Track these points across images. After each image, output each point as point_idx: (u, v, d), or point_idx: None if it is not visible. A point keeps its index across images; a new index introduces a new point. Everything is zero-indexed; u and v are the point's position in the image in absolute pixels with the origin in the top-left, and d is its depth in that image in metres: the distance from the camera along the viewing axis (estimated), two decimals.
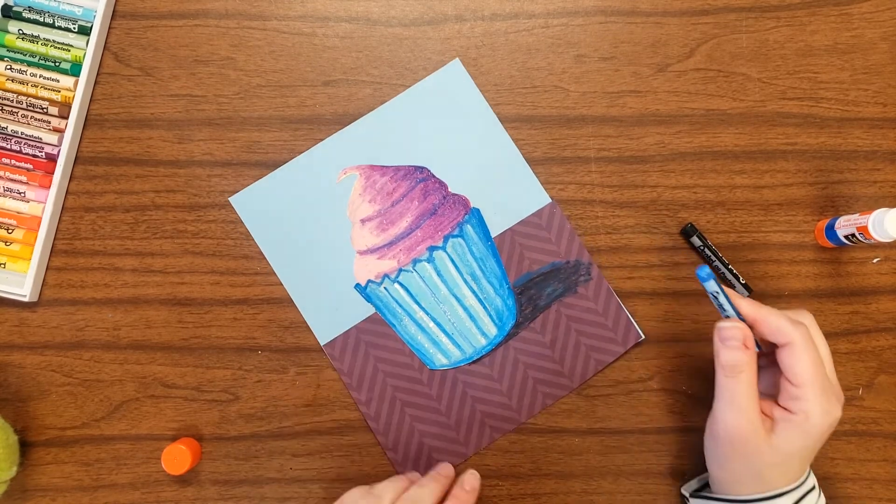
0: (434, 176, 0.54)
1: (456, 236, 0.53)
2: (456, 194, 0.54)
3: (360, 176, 0.54)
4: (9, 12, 0.54)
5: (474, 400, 0.53)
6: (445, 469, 0.51)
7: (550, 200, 0.54)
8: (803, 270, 0.54)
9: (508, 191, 0.54)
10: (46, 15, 0.54)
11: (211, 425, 0.53)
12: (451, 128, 0.54)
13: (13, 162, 0.53)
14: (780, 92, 0.55)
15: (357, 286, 0.53)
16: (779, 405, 0.45)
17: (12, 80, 0.53)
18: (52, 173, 0.53)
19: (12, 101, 0.53)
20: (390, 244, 0.53)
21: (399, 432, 0.53)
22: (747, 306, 0.44)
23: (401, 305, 0.53)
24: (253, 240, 0.54)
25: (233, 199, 0.54)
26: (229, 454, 0.53)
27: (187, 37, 0.55)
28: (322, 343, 0.53)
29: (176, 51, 0.55)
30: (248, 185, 0.54)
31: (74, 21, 0.54)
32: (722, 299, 0.44)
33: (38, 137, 0.53)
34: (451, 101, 0.55)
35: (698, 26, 0.56)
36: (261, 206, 0.54)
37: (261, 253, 0.54)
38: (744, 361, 0.43)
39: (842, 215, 0.52)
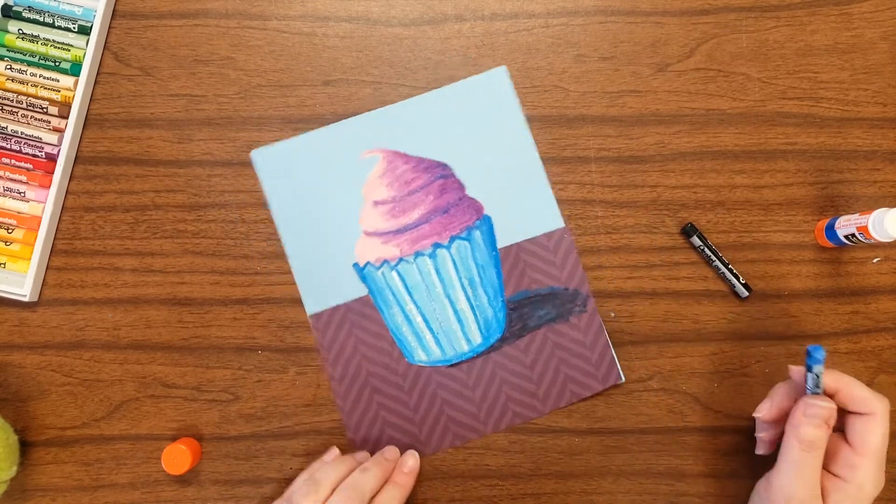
0: (455, 175, 0.54)
1: (463, 239, 0.53)
2: (472, 198, 0.54)
3: (382, 158, 0.54)
4: (9, 12, 0.54)
5: (444, 402, 0.53)
6: (390, 453, 0.51)
7: (563, 225, 0.54)
8: (803, 270, 0.54)
9: (525, 207, 0.54)
10: (46, 15, 0.54)
11: (211, 425, 0.53)
12: (483, 133, 0.54)
13: (13, 162, 0.53)
14: (780, 92, 0.55)
15: (355, 265, 0.53)
16: (829, 472, 0.45)
17: (12, 80, 0.53)
18: (52, 173, 0.53)
19: (12, 100, 0.53)
20: (397, 232, 0.53)
21: (364, 416, 0.53)
22: (831, 378, 0.45)
23: (394, 294, 0.53)
24: (253, 240, 0.54)
25: (254, 153, 0.54)
26: (229, 454, 0.53)
27: (187, 37, 0.55)
28: (309, 313, 0.53)
29: (176, 51, 0.55)
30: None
31: (74, 21, 0.54)
32: (821, 381, 0.45)
33: (38, 137, 0.53)
34: (489, 107, 0.55)
35: (698, 26, 0.56)
36: (280, 166, 0.54)
37: (261, 253, 0.54)
38: (823, 439, 0.44)
39: (842, 215, 0.52)
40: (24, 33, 0.54)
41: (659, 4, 0.56)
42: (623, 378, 0.53)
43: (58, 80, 0.53)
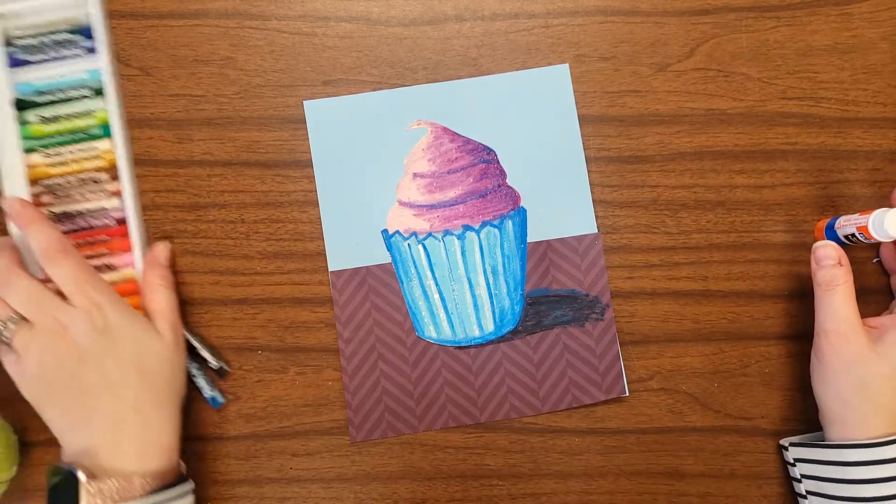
0: (498, 162, 0.54)
1: (494, 226, 0.53)
2: (511, 187, 0.54)
3: (430, 132, 0.54)
4: (22, 105, 0.53)
5: (445, 382, 0.53)
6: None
7: (596, 231, 0.54)
8: (803, 270, 0.54)
9: (561, 206, 0.54)
10: (57, 93, 0.53)
11: (211, 425, 0.53)
12: (534, 125, 0.55)
13: (87, 240, 0.52)
14: (780, 92, 0.55)
15: (384, 232, 0.54)
16: (891, 314, 0.48)
17: (53, 166, 0.52)
18: (128, 235, 0.52)
19: (63, 184, 0.52)
20: (431, 207, 0.53)
21: (364, 380, 0.53)
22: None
23: (416, 266, 0.53)
24: (253, 240, 0.54)
25: (307, 104, 0.55)
26: (229, 454, 0.53)
27: (187, 37, 0.55)
28: (331, 269, 0.54)
29: (176, 50, 0.55)
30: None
31: (86, 87, 0.53)
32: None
33: (102, 207, 0.53)
34: (545, 101, 0.55)
35: (698, 26, 0.56)
36: (329, 120, 0.55)
37: (261, 253, 0.54)
38: (839, 276, 0.47)
39: (842, 215, 0.52)
40: (44, 118, 0.53)
41: (659, 4, 0.56)
42: (627, 392, 0.53)
43: (96, 147, 0.53)
